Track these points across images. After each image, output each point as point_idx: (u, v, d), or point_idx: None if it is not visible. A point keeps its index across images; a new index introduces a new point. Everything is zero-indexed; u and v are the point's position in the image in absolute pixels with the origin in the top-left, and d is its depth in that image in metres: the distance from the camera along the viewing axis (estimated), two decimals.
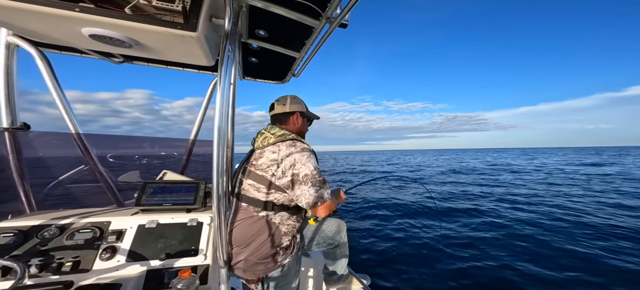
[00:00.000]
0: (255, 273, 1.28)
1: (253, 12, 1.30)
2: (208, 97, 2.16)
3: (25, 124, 1.54)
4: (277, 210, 1.29)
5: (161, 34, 0.94)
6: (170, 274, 1.15)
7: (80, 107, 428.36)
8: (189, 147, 2.21)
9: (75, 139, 1.78)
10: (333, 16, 1.24)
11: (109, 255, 1.16)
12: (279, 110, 1.47)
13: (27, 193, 1.53)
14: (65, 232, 1.21)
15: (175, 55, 1.25)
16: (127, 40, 1.00)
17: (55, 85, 1.66)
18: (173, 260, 1.22)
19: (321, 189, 1.24)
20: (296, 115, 1.48)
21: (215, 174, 1.03)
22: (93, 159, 1.87)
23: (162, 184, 1.52)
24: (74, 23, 0.86)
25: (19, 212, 1.46)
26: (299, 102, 1.50)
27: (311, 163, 1.27)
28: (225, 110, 1.04)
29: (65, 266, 1.10)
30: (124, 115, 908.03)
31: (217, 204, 1.05)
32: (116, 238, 1.23)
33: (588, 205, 7.68)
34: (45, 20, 0.87)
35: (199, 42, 1.01)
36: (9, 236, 1.13)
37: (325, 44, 1.56)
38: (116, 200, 1.89)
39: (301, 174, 1.23)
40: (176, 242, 1.28)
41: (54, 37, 1.06)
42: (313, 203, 1.22)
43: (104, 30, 0.91)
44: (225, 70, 1.04)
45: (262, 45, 1.68)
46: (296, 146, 1.31)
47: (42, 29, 0.97)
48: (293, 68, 2.05)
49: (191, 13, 0.93)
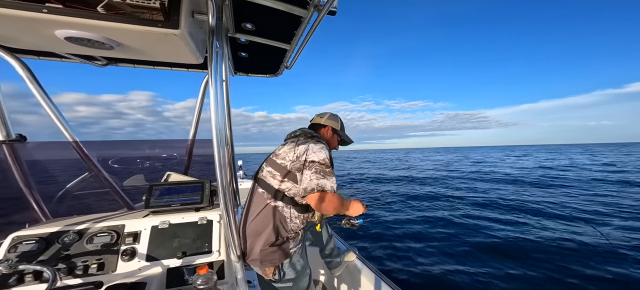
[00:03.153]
0: (272, 262, 1.30)
1: (237, 5, 1.25)
2: (201, 96, 2.13)
3: (21, 135, 1.54)
4: (287, 202, 1.33)
5: (142, 33, 0.90)
6: (189, 271, 1.21)
7: (84, 109, 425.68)
8: (189, 147, 2.22)
9: (74, 147, 1.79)
10: (321, 4, 1.19)
11: (129, 257, 1.21)
12: (316, 120, 1.67)
13: (38, 202, 1.57)
14: (84, 237, 1.25)
15: (161, 55, 1.20)
16: (107, 42, 0.95)
17: (41, 93, 1.61)
18: (189, 258, 1.26)
19: (324, 178, 1.27)
20: (328, 128, 1.64)
21: (218, 172, 1.03)
22: (96, 165, 1.90)
23: (167, 186, 1.54)
24: (44, 25, 0.81)
25: (34, 221, 1.50)
26: (335, 119, 1.66)
27: (323, 153, 1.33)
28: (220, 107, 1.03)
29: (91, 268, 1.16)
30: (127, 117, 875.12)
31: (223, 201, 1.06)
32: (133, 240, 1.27)
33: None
34: (16, 24, 0.82)
35: (184, 40, 0.97)
36: (31, 243, 1.17)
37: (325, 44, 1.53)
38: (126, 204, 1.92)
39: (309, 159, 1.30)
40: (190, 241, 1.32)
41: (29, 42, 1.01)
42: (311, 189, 1.24)
43: (79, 32, 0.86)
44: (216, 67, 1.02)
45: (250, 39, 1.62)
46: (314, 139, 1.42)
47: (14, 33, 0.91)
48: (285, 60, 2.00)
49: (171, 9, 0.88)
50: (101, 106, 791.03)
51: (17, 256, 1.13)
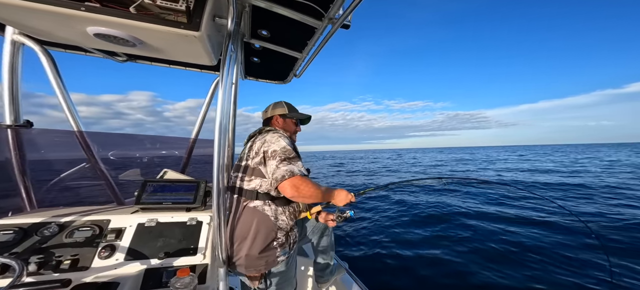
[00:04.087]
0: (257, 269, 1.28)
1: (256, 12, 1.31)
2: (210, 97, 2.17)
3: (28, 121, 1.55)
4: (263, 198, 1.31)
5: (165, 33, 0.95)
6: (169, 273, 1.15)
7: (85, 109, 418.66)
8: (190, 146, 2.22)
9: (77, 136, 1.79)
10: (335, 17, 1.24)
11: (107, 254, 1.16)
12: (263, 116, 1.67)
13: (28, 190, 1.53)
14: (65, 230, 1.21)
15: (179, 55, 1.25)
16: (132, 39, 1.01)
17: (59, 84, 1.67)
18: (172, 259, 1.22)
19: (290, 163, 1.24)
20: (276, 117, 1.61)
21: (216, 173, 1.04)
22: (95, 156, 1.87)
23: (162, 183, 1.52)
24: (79, 22, 0.87)
25: (19, 209, 1.46)
26: (280, 106, 1.63)
27: (282, 141, 1.32)
28: (227, 109, 1.05)
29: (63, 264, 1.10)
30: (127, 117, 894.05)
31: (217, 202, 1.05)
32: (115, 236, 1.23)
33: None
34: (52, 20, 0.88)
35: (202, 42, 1.02)
36: (9, 233, 1.13)
37: (327, 45, 1.56)
38: (116, 198, 1.89)
39: (270, 150, 1.28)
40: (175, 241, 1.27)
41: (60, 36, 1.07)
42: (281, 175, 1.21)
43: (108, 30, 0.92)
44: (228, 70, 1.05)
45: (264, 45, 1.68)
46: (270, 132, 1.41)
47: (48, 27, 0.98)
48: (295, 68, 2.05)
49: (195, 13, 0.93)
50: (101, 106, 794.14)
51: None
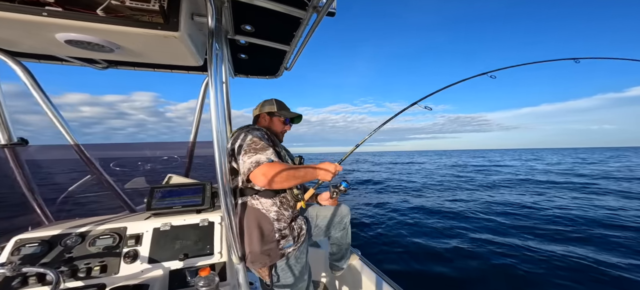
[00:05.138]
0: (262, 263, 1.30)
1: (237, 7, 1.25)
2: (201, 98, 2.12)
3: (23, 139, 1.53)
4: (250, 194, 1.33)
5: (142, 35, 0.90)
6: (191, 273, 1.20)
7: (88, 109, 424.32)
8: (190, 149, 2.21)
9: (76, 150, 1.79)
10: (320, 5, 1.19)
11: (131, 259, 1.21)
12: (253, 114, 1.66)
13: (40, 205, 1.56)
14: (87, 239, 1.25)
15: (161, 57, 1.21)
16: (107, 44, 0.96)
17: (42, 96, 1.61)
18: (191, 260, 1.26)
19: (257, 153, 1.22)
20: (262, 115, 1.61)
21: (219, 174, 1.04)
22: (98, 168, 1.90)
23: (169, 188, 1.54)
24: (45, 29, 0.82)
25: (37, 223, 1.49)
26: (269, 103, 1.61)
27: (252, 134, 1.31)
28: (221, 109, 1.03)
29: (94, 270, 1.16)
30: (129, 117, 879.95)
31: (224, 202, 1.06)
32: (135, 242, 1.27)
33: None
34: (16, 28, 0.83)
35: (183, 42, 0.97)
36: (34, 245, 1.17)
37: (326, 46, 1.54)
38: (127, 207, 1.92)
39: (242, 145, 1.28)
40: (191, 243, 1.32)
41: (30, 45, 1.02)
42: (248, 167, 1.19)
43: (79, 35, 0.87)
44: (215, 69, 1.02)
45: (250, 40, 1.63)
46: (246, 129, 1.40)
47: (14, 36, 0.92)
48: (284, 61, 2.00)
49: (170, 12, 0.88)
50: (104, 106, 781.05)
51: (20, 259, 1.13)
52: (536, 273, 3.68)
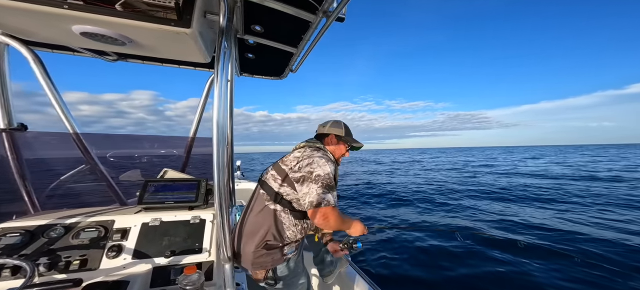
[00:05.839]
0: (262, 265, 1.31)
1: (248, 7, 1.28)
2: (205, 95, 2.14)
3: (23, 124, 1.53)
4: (285, 205, 1.34)
5: (155, 31, 0.92)
6: (176, 271, 1.17)
7: (87, 108, 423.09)
8: (189, 144, 2.21)
9: (74, 138, 1.77)
10: (330, 10, 1.21)
11: (115, 254, 1.18)
12: (320, 130, 1.67)
13: (29, 193, 1.53)
14: (71, 232, 1.22)
15: (171, 53, 1.23)
16: (120, 38, 0.98)
17: (49, 85, 1.62)
18: (178, 257, 1.23)
19: (328, 192, 1.26)
20: (331, 136, 1.62)
21: (216, 171, 1.03)
22: (93, 158, 1.87)
23: (163, 183, 1.52)
24: (63, 21, 0.84)
25: (23, 212, 1.46)
26: (338, 126, 1.63)
27: (328, 167, 1.32)
28: (224, 107, 1.04)
29: (73, 265, 1.12)
30: (129, 116, 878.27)
31: (219, 200, 1.05)
32: (121, 236, 1.24)
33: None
34: (35, 18, 0.85)
35: (194, 39, 0.99)
36: (16, 236, 1.14)
37: (327, 44, 1.54)
38: (119, 199, 1.90)
39: (314, 173, 1.28)
40: (180, 240, 1.29)
41: (45, 36, 1.04)
42: (317, 202, 1.22)
43: (95, 28, 0.89)
44: (222, 67, 1.03)
45: (258, 41, 1.65)
46: (320, 152, 1.44)
47: (32, 27, 0.94)
48: (290, 63, 2.02)
49: (184, 9, 0.90)
50: (103, 105, 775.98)
51: (0, 248, 1.10)
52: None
